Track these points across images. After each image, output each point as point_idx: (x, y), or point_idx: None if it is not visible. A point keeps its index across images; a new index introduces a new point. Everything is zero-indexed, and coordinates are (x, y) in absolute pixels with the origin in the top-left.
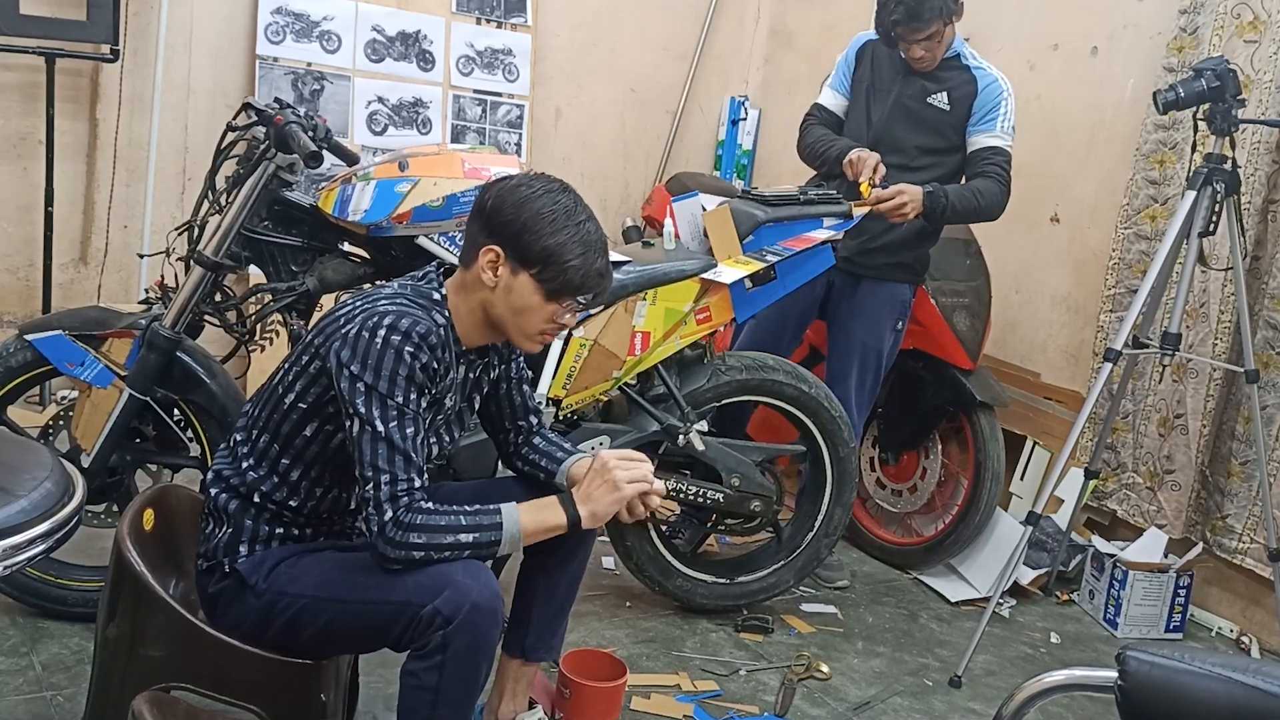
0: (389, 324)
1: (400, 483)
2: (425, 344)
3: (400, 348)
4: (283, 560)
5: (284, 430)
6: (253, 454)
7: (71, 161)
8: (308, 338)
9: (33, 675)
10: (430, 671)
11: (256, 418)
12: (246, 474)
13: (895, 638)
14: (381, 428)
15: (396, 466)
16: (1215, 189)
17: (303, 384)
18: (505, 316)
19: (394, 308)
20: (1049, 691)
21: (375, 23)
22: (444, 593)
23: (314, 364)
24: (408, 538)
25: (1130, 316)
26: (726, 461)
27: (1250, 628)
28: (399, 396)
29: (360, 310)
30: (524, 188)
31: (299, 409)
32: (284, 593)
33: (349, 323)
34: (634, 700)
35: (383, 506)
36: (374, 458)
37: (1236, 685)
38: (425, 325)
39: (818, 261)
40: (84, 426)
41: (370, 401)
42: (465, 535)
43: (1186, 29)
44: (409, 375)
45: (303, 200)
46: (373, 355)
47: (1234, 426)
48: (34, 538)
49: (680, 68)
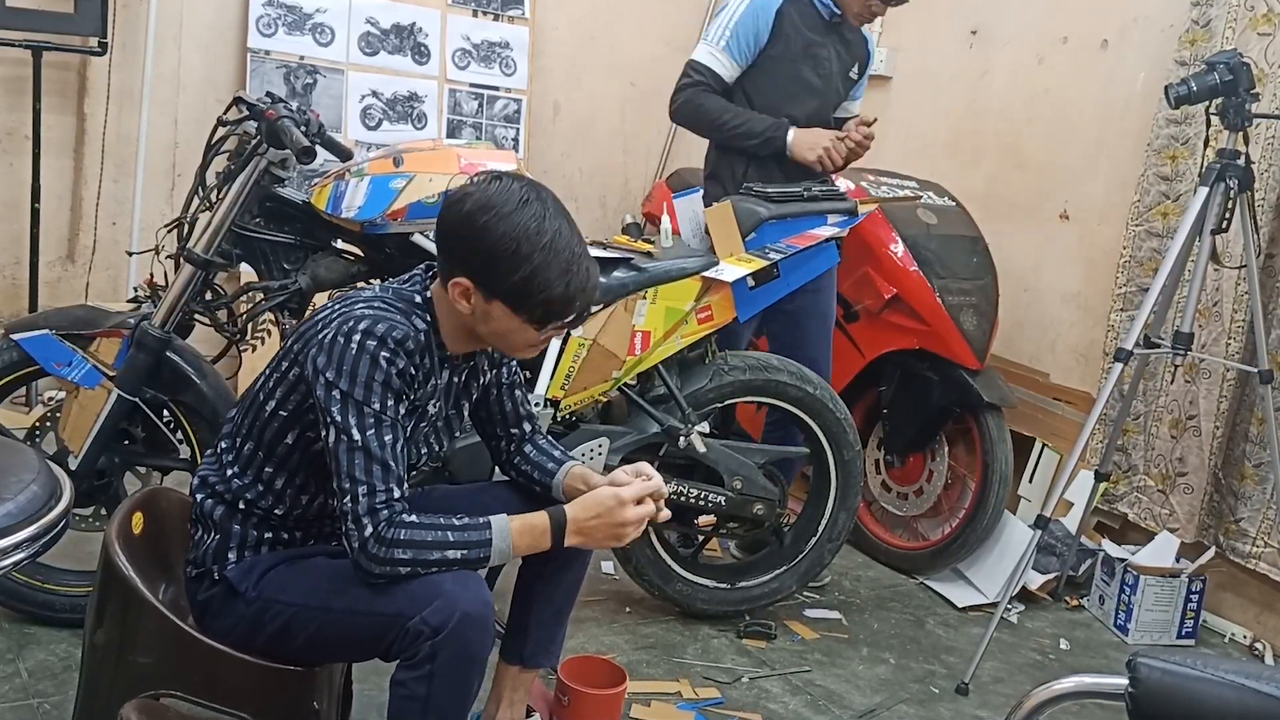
0: (364, 329)
1: (379, 494)
2: (402, 349)
3: (376, 353)
4: (273, 567)
5: (266, 437)
6: (237, 461)
7: (59, 157)
8: (288, 344)
9: (19, 683)
10: (419, 681)
11: (240, 424)
12: (232, 481)
13: (901, 644)
14: (358, 436)
15: (374, 477)
16: (1228, 185)
17: (283, 391)
18: (488, 337)
19: (371, 312)
20: (1058, 699)
21: (369, 15)
22: (433, 603)
23: (293, 370)
24: (392, 553)
25: (1141, 315)
26: (728, 464)
27: (1264, 634)
28: (375, 403)
29: (337, 315)
30: (480, 213)
31: (280, 416)
32: (275, 600)
33: (325, 328)
34: (634, 708)
35: (362, 521)
36: (350, 468)
37: (1250, 693)
38: (402, 330)
39: (822, 259)
40: (71, 428)
41: (346, 409)
42: (453, 552)
43: (1199, 21)
44: (385, 381)
45: (295, 197)
46: (348, 361)
47: (1247, 428)
48: (20, 542)
49: (682, 61)
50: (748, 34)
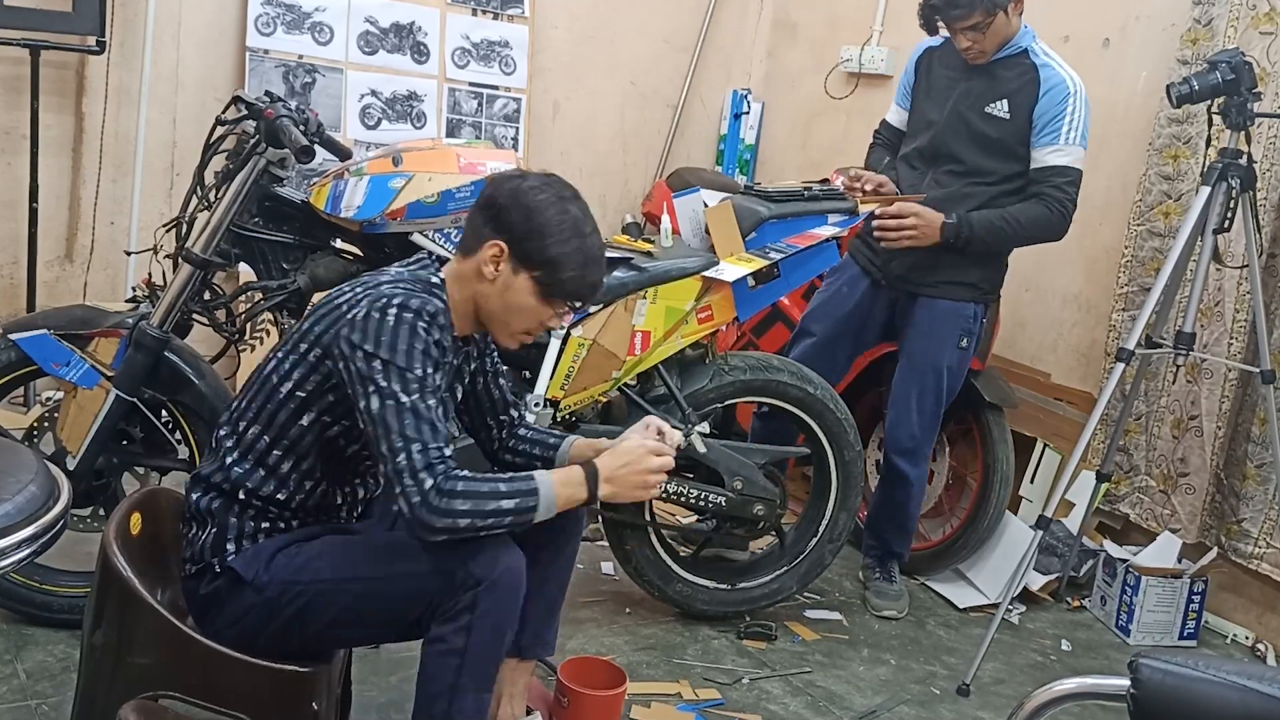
0: (399, 303)
1: (432, 450)
2: (435, 322)
3: (414, 324)
4: (279, 551)
5: (279, 419)
6: (239, 447)
7: (56, 156)
8: (306, 325)
9: (17, 684)
10: (458, 634)
11: (245, 410)
12: (231, 470)
13: (902, 645)
14: (406, 399)
15: (425, 435)
16: (1230, 184)
17: (301, 372)
18: (496, 312)
19: (400, 290)
20: (1060, 700)
21: (368, 14)
22: (478, 556)
23: (313, 351)
24: (453, 504)
25: (1143, 315)
26: (729, 464)
27: (1266, 634)
28: (418, 369)
29: (364, 294)
30: (538, 191)
31: (297, 397)
32: (293, 582)
33: (354, 307)
34: (634, 709)
35: (419, 475)
36: (402, 428)
37: (1252, 694)
38: (434, 305)
39: (822, 259)
40: (69, 428)
41: (389, 376)
42: (507, 502)
43: (1201, 20)
44: (425, 350)
45: (294, 196)
46: (386, 332)
47: (1249, 428)
48: (18, 542)
49: (681, 60)
50: (905, 80)
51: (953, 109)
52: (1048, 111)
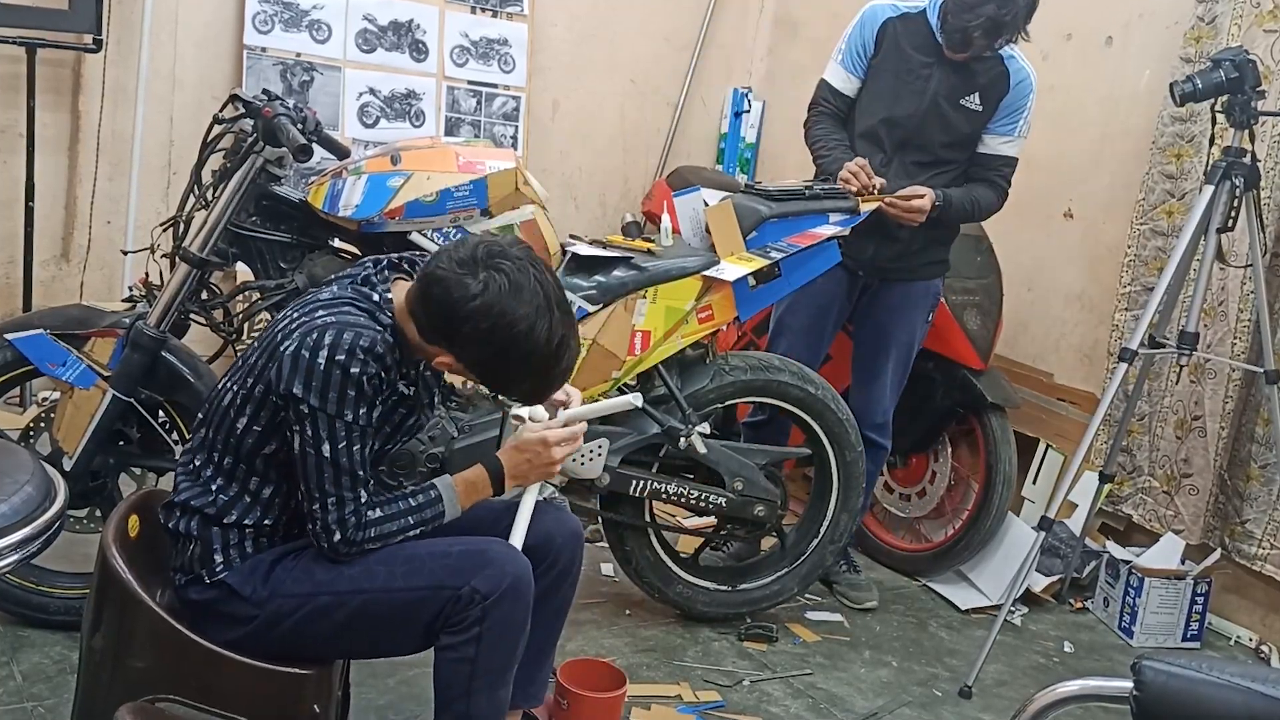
0: (330, 342)
1: (347, 504)
2: (371, 356)
3: (346, 365)
4: (275, 563)
5: (244, 450)
6: (219, 474)
7: (53, 155)
8: (250, 358)
9: (13, 686)
10: (468, 644)
11: (213, 441)
12: (217, 496)
13: (903, 646)
14: (328, 450)
15: (343, 488)
16: (1234, 183)
17: (252, 408)
18: None
19: (333, 319)
20: (1062, 702)
21: (367, 11)
22: (482, 571)
23: (258, 387)
24: (362, 547)
25: (1146, 315)
26: (729, 465)
27: (1270, 636)
28: (348, 414)
29: (297, 325)
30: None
31: (254, 431)
32: (292, 594)
33: (287, 339)
34: (634, 712)
35: (331, 529)
36: (320, 480)
37: (1256, 696)
38: (369, 336)
39: (823, 258)
40: (66, 428)
41: (316, 423)
42: (414, 531)
43: (1204, 18)
44: (357, 392)
45: (292, 195)
46: (316, 377)
47: (1253, 429)
48: (14, 543)
49: (682, 58)
50: (857, 46)
51: (932, 101)
52: (1013, 104)
